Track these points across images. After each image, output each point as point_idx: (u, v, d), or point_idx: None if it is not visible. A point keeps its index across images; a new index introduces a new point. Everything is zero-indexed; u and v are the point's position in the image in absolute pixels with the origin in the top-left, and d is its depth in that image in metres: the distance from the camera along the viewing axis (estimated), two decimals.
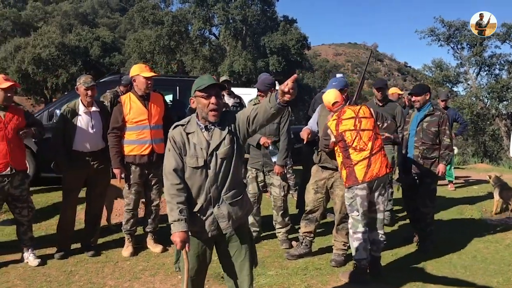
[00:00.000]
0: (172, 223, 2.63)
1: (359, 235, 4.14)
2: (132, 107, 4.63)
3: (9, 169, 4.30)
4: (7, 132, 4.29)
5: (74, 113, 4.63)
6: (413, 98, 5.19)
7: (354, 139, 4.12)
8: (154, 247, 4.92)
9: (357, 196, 4.11)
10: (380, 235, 4.30)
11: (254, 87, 5.29)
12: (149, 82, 4.65)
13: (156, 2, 36.19)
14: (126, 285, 4.07)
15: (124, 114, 4.61)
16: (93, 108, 4.71)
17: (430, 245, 5.11)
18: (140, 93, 4.68)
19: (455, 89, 24.65)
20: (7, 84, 4.30)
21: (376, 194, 4.19)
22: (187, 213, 2.66)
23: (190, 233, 2.73)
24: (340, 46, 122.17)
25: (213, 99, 2.63)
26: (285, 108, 2.50)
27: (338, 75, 6.10)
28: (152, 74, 4.71)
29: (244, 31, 33.32)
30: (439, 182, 9.07)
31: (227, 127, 2.73)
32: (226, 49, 34.34)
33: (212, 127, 2.72)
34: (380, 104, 5.95)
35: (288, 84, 2.34)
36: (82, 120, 4.64)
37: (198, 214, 2.75)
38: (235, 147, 2.74)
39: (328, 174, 4.57)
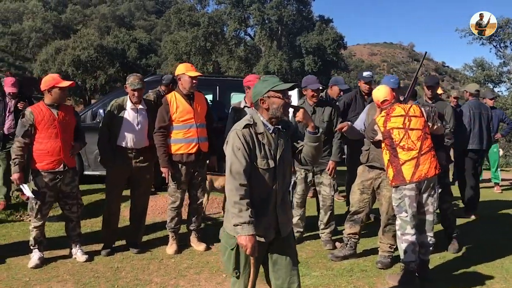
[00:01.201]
0: (240, 225, 2.53)
1: (408, 237, 4.03)
2: (178, 106, 4.65)
3: (62, 166, 4.39)
4: (61, 129, 4.38)
5: (121, 108, 4.68)
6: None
7: (402, 137, 4.01)
8: (197, 245, 4.93)
9: (406, 197, 4.00)
10: (429, 238, 4.18)
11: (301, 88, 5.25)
12: (194, 81, 4.66)
13: (192, 4, 36.60)
14: (172, 282, 4.10)
15: (171, 113, 4.64)
16: (140, 106, 4.74)
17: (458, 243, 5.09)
18: (185, 92, 4.70)
19: (497, 89, 23.90)
20: (67, 83, 4.45)
21: (425, 195, 4.07)
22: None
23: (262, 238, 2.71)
24: (376, 46, 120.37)
25: (288, 100, 2.69)
26: (316, 135, 2.73)
27: (365, 73, 6.00)
28: (197, 73, 4.73)
29: (279, 31, 33.33)
30: (485, 185, 8.92)
31: (288, 133, 2.82)
32: (261, 49, 34.41)
33: (278, 129, 2.73)
34: (430, 103, 5.77)
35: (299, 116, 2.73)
36: (129, 116, 4.68)
37: (265, 218, 2.71)
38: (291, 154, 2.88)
39: (375, 174, 4.48)
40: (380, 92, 4.21)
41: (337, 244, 5.05)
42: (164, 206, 6.25)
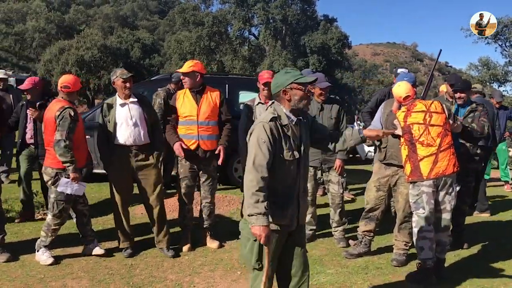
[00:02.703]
0: (255, 216, 2.57)
1: (425, 234, 3.99)
2: (184, 102, 4.69)
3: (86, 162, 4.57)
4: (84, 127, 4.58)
5: (112, 107, 4.58)
6: (458, 95, 4.83)
7: (422, 133, 3.96)
8: (210, 243, 4.90)
9: (423, 193, 3.96)
10: (446, 236, 4.14)
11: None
12: (184, 78, 4.71)
13: (196, 3, 36.68)
14: (187, 279, 4.07)
15: (178, 107, 4.71)
16: (131, 99, 4.60)
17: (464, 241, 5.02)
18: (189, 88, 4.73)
19: (502, 88, 23.83)
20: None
21: (443, 193, 4.02)
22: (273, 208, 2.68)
23: (276, 230, 2.74)
24: (378, 46, 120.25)
25: (309, 92, 2.81)
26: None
27: (400, 70, 5.94)
28: (185, 70, 4.66)
29: (284, 31, 33.39)
30: (495, 183, 8.87)
31: (306, 124, 2.91)
32: (265, 49, 34.47)
33: (299, 121, 2.81)
34: (450, 100, 5.70)
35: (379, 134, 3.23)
36: (121, 113, 4.55)
37: (291, 207, 2.77)
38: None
39: (392, 172, 4.44)
40: (402, 89, 4.16)
41: (350, 241, 5.01)
42: (175, 204, 6.21)
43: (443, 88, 7.41)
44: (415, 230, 4.06)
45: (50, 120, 4.30)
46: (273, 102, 2.83)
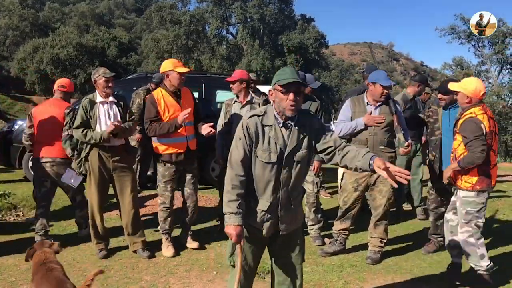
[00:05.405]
0: (228, 215, 2.57)
1: (483, 241, 3.92)
2: (166, 104, 4.50)
3: None
4: None
5: (93, 103, 4.48)
6: (439, 96, 4.65)
7: (494, 140, 3.82)
8: (190, 244, 4.83)
9: (484, 205, 3.88)
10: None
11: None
12: (182, 78, 4.53)
13: (174, 2, 36.51)
14: (162, 280, 4.05)
15: (160, 111, 4.49)
16: (111, 98, 4.53)
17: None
18: (172, 89, 4.53)
19: None
20: None
21: None
22: (245, 207, 2.62)
23: (248, 229, 2.70)
24: (355, 46, 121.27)
25: (291, 96, 2.52)
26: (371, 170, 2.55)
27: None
28: (186, 69, 4.58)
29: (261, 30, 33.48)
30: None
31: (307, 131, 2.66)
32: (243, 48, 34.53)
33: (290, 125, 2.62)
34: (411, 96, 5.74)
35: (390, 175, 2.47)
36: (100, 110, 4.47)
37: (262, 212, 2.67)
38: (310, 153, 2.71)
39: (369, 172, 4.44)
40: (480, 84, 3.88)
41: (326, 240, 5.06)
42: (150, 205, 6.20)
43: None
44: (472, 239, 3.91)
45: None
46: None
